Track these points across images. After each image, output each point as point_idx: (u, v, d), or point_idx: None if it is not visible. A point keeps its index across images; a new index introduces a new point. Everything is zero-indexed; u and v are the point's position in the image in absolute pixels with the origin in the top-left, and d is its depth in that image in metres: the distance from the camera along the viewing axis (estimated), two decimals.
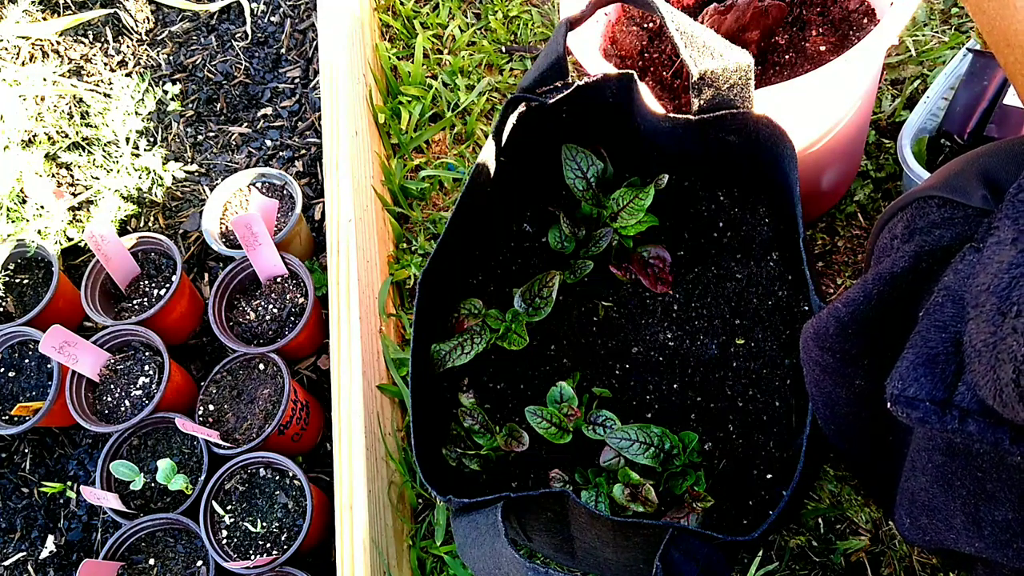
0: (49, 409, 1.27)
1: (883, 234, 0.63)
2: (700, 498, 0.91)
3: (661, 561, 0.73)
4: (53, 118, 1.63)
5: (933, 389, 0.48)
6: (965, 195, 0.57)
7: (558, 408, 0.99)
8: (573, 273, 1.08)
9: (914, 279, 0.54)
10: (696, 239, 1.12)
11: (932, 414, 0.47)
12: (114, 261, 1.35)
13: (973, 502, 0.53)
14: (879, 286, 0.57)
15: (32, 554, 1.30)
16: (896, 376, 0.50)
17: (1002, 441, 0.45)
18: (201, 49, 1.72)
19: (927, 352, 0.49)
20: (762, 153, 0.94)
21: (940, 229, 0.57)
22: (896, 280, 0.56)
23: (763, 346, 1.05)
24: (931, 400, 0.48)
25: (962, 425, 0.46)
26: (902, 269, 0.56)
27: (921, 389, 0.48)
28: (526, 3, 1.62)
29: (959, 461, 0.53)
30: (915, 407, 0.48)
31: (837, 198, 1.28)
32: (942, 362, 0.49)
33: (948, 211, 0.58)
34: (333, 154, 1.33)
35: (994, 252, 0.46)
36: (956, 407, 0.47)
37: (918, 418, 0.48)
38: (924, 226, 0.58)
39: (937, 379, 0.48)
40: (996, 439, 0.45)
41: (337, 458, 1.10)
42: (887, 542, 1.07)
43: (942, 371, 0.48)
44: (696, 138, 0.94)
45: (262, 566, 1.10)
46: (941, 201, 0.58)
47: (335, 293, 1.21)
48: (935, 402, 0.48)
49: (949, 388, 0.48)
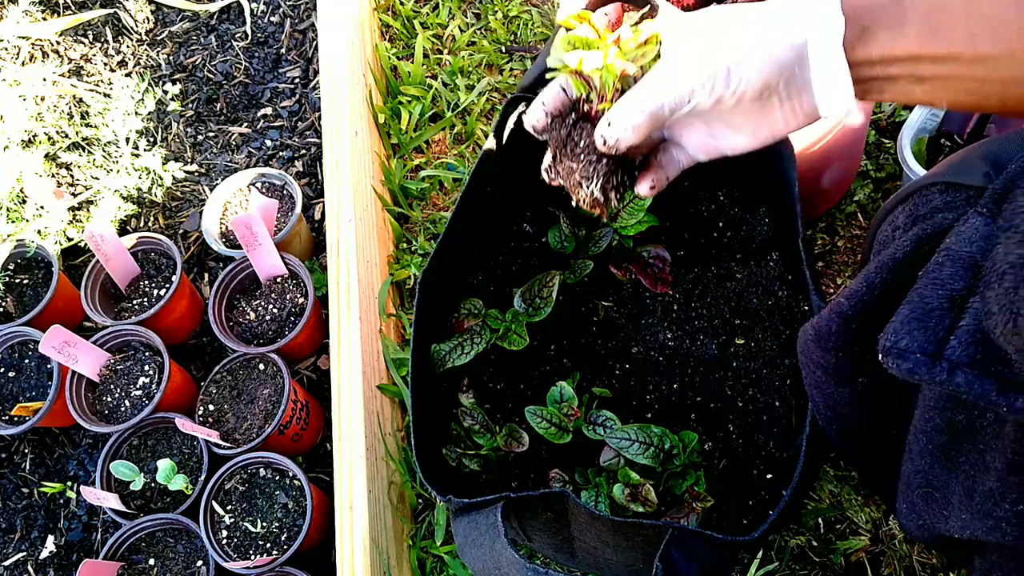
0: (49, 409, 1.27)
1: (883, 227, 0.63)
2: (700, 498, 0.91)
3: (661, 561, 0.73)
4: (53, 118, 1.63)
5: (925, 342, 0.49)
6: (967, 175, 0.57)
7: (558, 408, 0.99)
8: (573, 273, 1.08)
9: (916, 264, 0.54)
10: (696, 239, 1.12)
11: (922, 365, 0.49)
12: (114, 261, 1.35)
13: (972, 474, 0.54)
14: (881, 274, 0.57)
15: (32, 554, 1.30)
16: (890, 329, 0.51)
17: (988, 392, 0.46)
18: (201, 49, 1.72)
19: (923, 307, 0.50)
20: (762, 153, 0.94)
21: (942, 213, 0.57)
22: (898, 266, 0.56)
23: (763, 346, 1.05)
24: (922, 352, 0.49)
25: (950, 376, 0.47)
26: (904, 254, 0.56)
27: (913, 341, 0.49)
28: (526, 3, 1.62)
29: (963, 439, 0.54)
30: (905, 358, 0.49)
31: (837, 198, 1.28)
32: (936, 317, 0.50)
33: (951, 195, 0.58)
34: (333, 154, 1.33)
35: None
36: (946, 359, 0.48)
37: (907, 369, 0.49)
38: (926, 212, 0.59)
39: (930, 332, 0.49)
40: (983, 391, 0.46)
41: (337, 458, 1.10)
42: (887, 542, 1.07)
43: (935, 325, 0.49)
44: None
45: (262, 566, 1.10)
46: (944, 186, 0.58)
47: (335, 293, 1.21)
48: (926, 354, 0.49)
49: (941, 342, 0.49)
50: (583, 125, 0.68)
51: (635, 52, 0.65)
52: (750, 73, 0.57)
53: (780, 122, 0.60)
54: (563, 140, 0.69)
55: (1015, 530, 0.52)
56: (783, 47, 0.55)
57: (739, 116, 0.61)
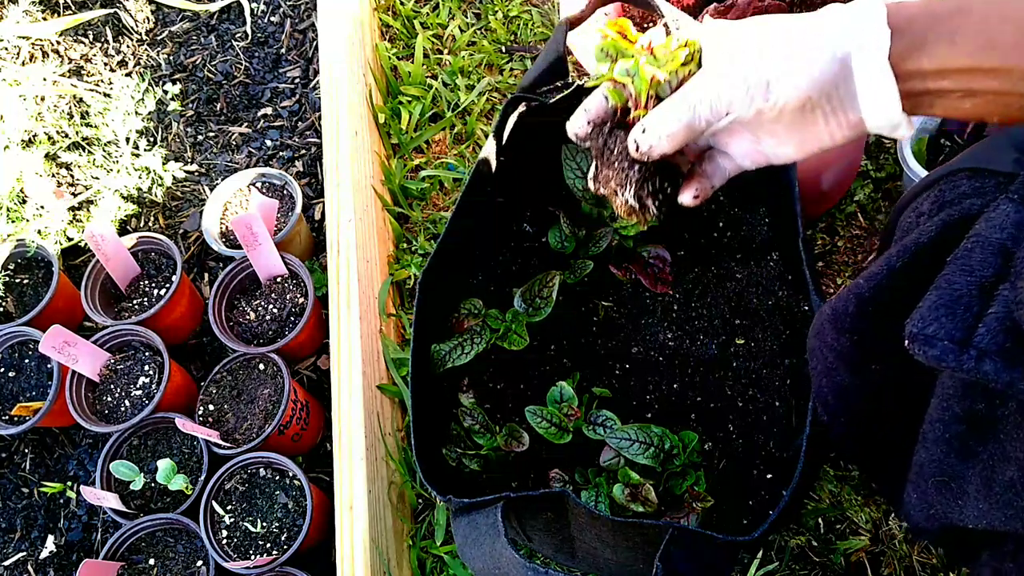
0: (49, 409, 1.27)
1: (906, 213, 0.62)
2: (700, 498, 0.91)
3: (661, 561, 0.73)
4: (53, 118, 1.63)
5: (953, 329, 0.48)
6: (996, 162, 0.57)
7: (558, 408, 0.99)
8: (573, 273, 1.08)
9: (941, 250, 0.54)
10: (696, 239, 1.12)
11: (950, 352, 0.48)
12: (114, 261, 1.35)
13: (992, 464, 0.54)
14: (904, 258, 0.56)
15: (32, 554, 1.30)
16: (917, 316, 0.50)
17: (1017, 381, 0.46)
18: (201, 49, 1.72)
19: (951, 294, 0.50)
20: None
21: (970, 199, 0.57)
22: (921, 251, 0.56)
23: (763, 346, 1.05)
24: (950, 339, 0.48)
25: (978, 364, 0.47)
26: (929, 239, 0.56)
27: (941, 328, 0.49)
28: (526, 3, 1.62)
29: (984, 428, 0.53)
30: (933, 345, 0.49)
31: (837, 198, 1.28)
32: (964, 304, 0.49)
33: (978, 181, 0.57)
34: (333, 154, 1.33)
35: None
36: (974, 347, 0.47)
37: (935, 356, 0.49)
38: (953, 198, 0.58)
39: (958, 319, 0.48)
40: (1011, 379, 0.46)
41: (337, 458, 1.10)
42: (887, 542, 1.07)
43: (964, 312, 0.49)
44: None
45: (262, 566, 1.10)
46: (972, 172, 0.58)
47: (335, 293, 1.21)
48: (954, 341, 0.48)
49: (969, 329, 0.48)
50: (618, 132, 0.69)
51: (668, 59, 0.64)
52: (789, 89, 0.56)
53: (826, 135, 0.58)
54: (601, 148, 0.70)
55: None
56: (826, 61, 0.54)
57: (783, 127, 0.60)
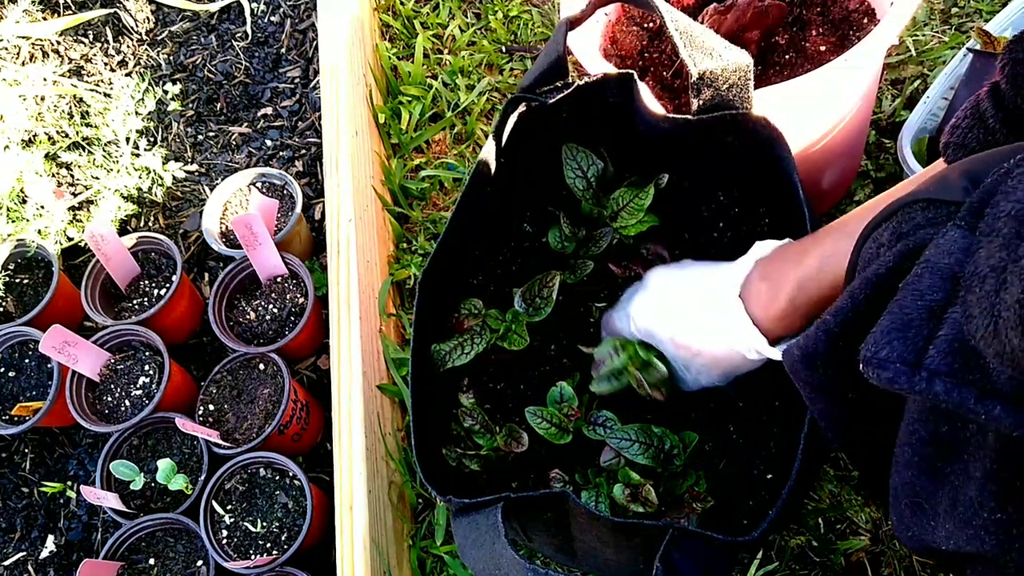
0: (49, 409, 1.27)
1: (868, 244, 0.64)
2: (700, 498, 0.91)
3: (661, 562, 0.73)
4: (53, 118, 1.63)
5: (904, 351, 0.50)
6: (949, 192, 0.58)
7: (558, 408, 0.99)
8: (573, 273, 1.08)
9: (899, 279, 0.56)
10: (696, 239, 1.12)
11: (902, 375, 0.49)
12: (114, 261, 1.35)
13: (957, 484, 0.55)
14: (866, 290, 0.58)
15: (32, 554, 1.30)
16: (871, 340, 0.52)
17: (967, 400, 0.47)
18: (201, 49, 1.72)
19: (902, 318, 0.51)
20: (761, 154, 0.94)
21: (924, 229, 0.58)
22: (881, 282, 0.57)
23: None
24: (901, 361, 0.49)
25: (929, 385, 0.48)
26: (887, 269, 0.58)
27: (893, 351, 0.50)
28: (526, 3, 1.62)
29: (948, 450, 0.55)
30: (885, 368, 0.50)
31: (837, 198, 1.28)
32: (915, 327, 0.50)
33: (932, 212, 0.59)
34: (333, 154, 1.33)
35: (1019, 182, 0.48)
36: (925, 368, 0.48)
37: (887, 378, 0.50)
38: (909, 229, 0.60)
39: (909, 343, 0.50)
40: (962, 399, 0.47)
41: (337, 458, 1.10)
42: (887, 542, 1.07)
43: (915, 335, 0.50)
44: (695, 138, 0.94)
45: (262, 566, 1.10)
46: (926, 203, 0.60)
47: (335, 293, 1.21)
48: (905, 363, 0.49)
49: (920, 352, 0.49)
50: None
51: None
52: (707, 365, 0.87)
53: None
54: None
55: (992, 539, 0.52)
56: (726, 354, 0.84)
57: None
